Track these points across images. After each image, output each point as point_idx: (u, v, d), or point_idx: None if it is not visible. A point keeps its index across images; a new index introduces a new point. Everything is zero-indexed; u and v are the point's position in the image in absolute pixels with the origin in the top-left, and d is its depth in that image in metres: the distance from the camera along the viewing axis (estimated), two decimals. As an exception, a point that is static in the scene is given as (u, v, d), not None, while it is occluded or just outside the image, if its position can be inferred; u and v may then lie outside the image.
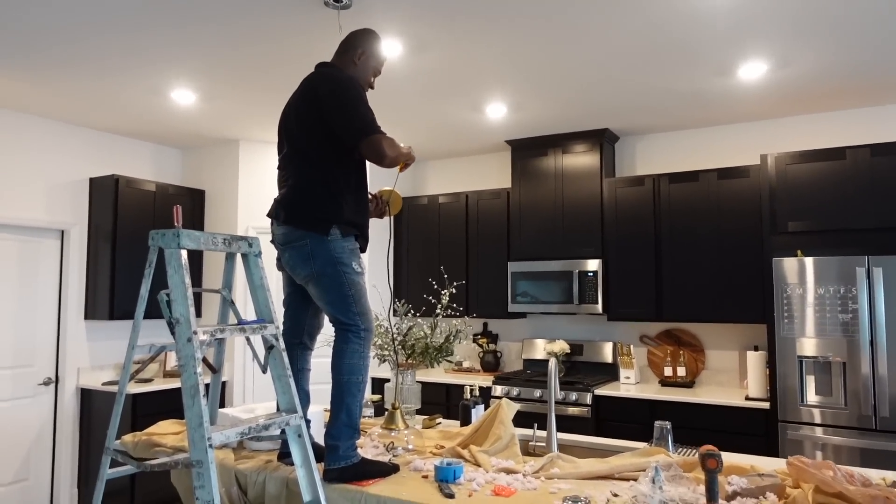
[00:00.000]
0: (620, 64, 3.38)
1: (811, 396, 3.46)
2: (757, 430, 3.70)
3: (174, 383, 4.52)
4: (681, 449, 2.45)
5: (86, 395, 4.54)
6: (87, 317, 4.61)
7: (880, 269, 3.31)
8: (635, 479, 2.01)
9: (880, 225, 3.50)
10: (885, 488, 1.71)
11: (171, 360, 4.84)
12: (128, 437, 2.46)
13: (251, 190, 5.03)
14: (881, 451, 3.26)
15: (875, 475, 2.00)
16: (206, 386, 3.03)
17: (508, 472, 2.06)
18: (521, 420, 4.21)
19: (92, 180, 4.69)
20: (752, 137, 4.45)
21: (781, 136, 4.36)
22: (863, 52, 3.20)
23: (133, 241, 4.67)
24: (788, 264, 3.55)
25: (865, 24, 2.90)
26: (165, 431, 2.51)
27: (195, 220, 5.11)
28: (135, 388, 4.29)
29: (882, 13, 2.79)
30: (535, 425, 2.42)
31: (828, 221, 3.63)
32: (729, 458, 2.23)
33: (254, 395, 4.92)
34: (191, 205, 5.09)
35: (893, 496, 1.62)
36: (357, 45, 2.22)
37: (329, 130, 2.05)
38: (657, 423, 2.32)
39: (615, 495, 1.86)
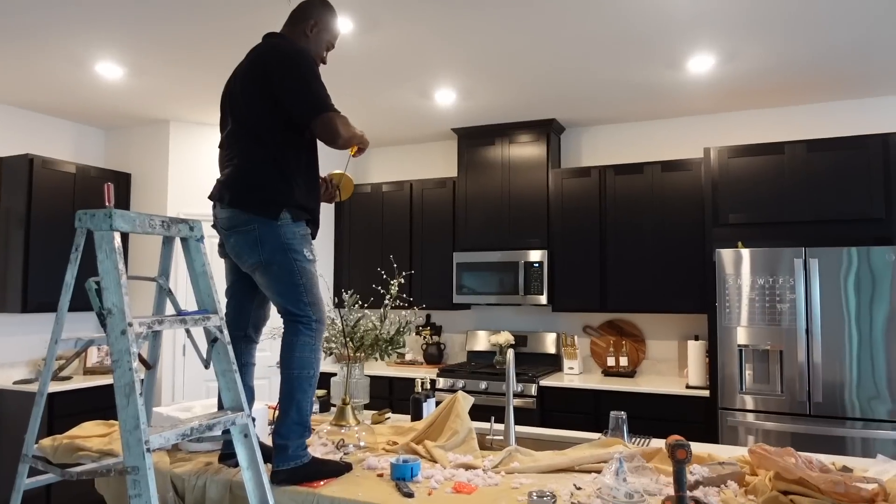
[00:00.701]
0: (574, 53, 3.36)
1: (749, 384, 3.57)
2: (697, 417, 3.79)
3: (95, 381, 4.20)
4: (634, 438, 2.44)
5: (-5, 395, 4.16)
6: (-5, 309, 4.22)
7: (816, 261, 3.43)
8: (596, 471, 1.97)
9: (816, 218, 3.63)
10: (841, 473, 1.74)
11: (93, 356, 4.51)
12: (46, 441, 2.23)
13: (182, 174, 4.74)
14: (815, 436, 3.39)
15: (826, 461, 2.05)
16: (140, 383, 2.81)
17: (467, 467, 1.98)
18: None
19: (2, 160, 4.28)
20: (696, 131, 4.54)
21: (723, 130, 4.47)
22: (803, 50, 3.30)
23: (50, 228, 4.30)
24: (729, 256, 3.64)
25: (808, 24, 2.98)
26: (89, 434, 2.29)
27: (120, 205, 4.77)
28: (51, 387, 3.95)
29: (824, 15, 2.87)
30: (493, 418, 2.36)
31: (767, 214, 3.74)
32: (684, 447, 2.23)
33: (184, 392, 4.65)
34: (115, 189, 4.74)
35: (850, 481, 1.64)
36: (309, 15, 2.07)
37: (278, 106, 1.90)
38: (613, 414, 2.30)
39: (578, 488, 1.82)
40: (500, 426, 2.49)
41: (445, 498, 1.73)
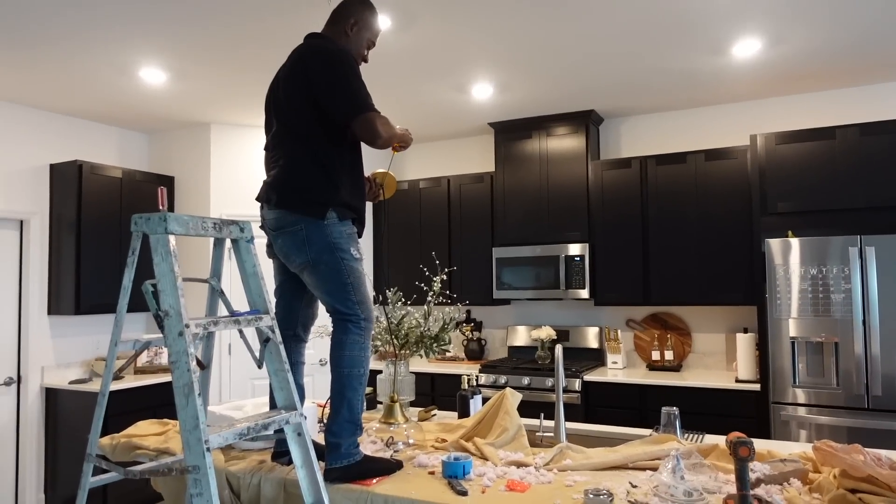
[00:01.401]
0: (614, 41, 3.29)
1: (803, 377, 3.46)
2: (748, 412, 3.69)
3: (145, 380, 4.30)
4: (687, 434, 2.38)
5: (51, 395, 4.30)
6: (50, 312, 4.36)
7: (872, 249, 3.30)
8: (651, 469, 1.93)
9: (870, 204, 3.50)
10: (912, 471, 1.66)
11: (142, 357, 4.62)
12: (105, 441, 2.29)
13: (224, 176, 4.81)
14: (873, 430, 3.27)
15: (892, 457, 1.96)
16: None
17: (519, 465, 1.96)
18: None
19: (53, 167, 4.42)
20: (739, 118, 4.42)
21: (768, 117, 4.33)
22: (854, 30, 3.17)
23: (99, 231, 4.42)
24: (779, 245, 3.53)
25: (859, 3, 2.85)
26: (145, 433, 2.34)
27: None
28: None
29: (879, -12, 2.75)
30: (542, 415, 2.33)
31: (817, 201, 3.62)
32: (740, 443, 2.17)
33: (230, 391, 4.73)
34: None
35: (923, 479, 1.56)
36: (349, 14, 2.07)
37: (321, 106, 1.91)
38: (664, 409, 2.25)
39: (634, 486, 1.78)
40: (549, 423, 2.46)
41: (499, 496, 1.71)
